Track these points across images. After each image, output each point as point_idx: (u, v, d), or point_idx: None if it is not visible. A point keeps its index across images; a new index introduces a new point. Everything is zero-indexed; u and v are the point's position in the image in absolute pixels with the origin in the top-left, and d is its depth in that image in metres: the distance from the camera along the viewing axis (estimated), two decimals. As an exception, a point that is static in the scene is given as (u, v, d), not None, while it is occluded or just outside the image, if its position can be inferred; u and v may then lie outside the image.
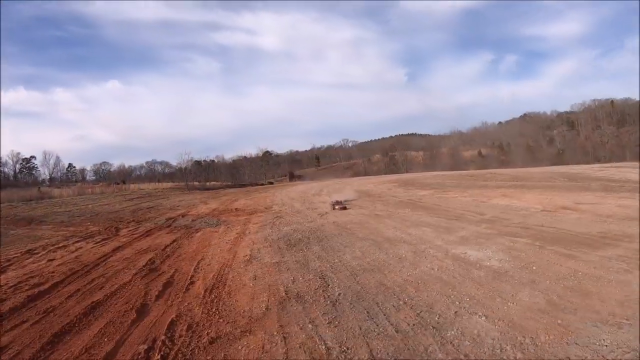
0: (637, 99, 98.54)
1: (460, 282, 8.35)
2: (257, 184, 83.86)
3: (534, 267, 8.95)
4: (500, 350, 5.44)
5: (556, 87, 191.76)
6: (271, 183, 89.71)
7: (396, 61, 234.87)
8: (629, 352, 4.79)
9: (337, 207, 19.80)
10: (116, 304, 8.07)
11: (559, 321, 6.20)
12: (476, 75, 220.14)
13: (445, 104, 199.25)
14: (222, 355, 5.66)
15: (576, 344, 5.49)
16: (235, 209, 26.90)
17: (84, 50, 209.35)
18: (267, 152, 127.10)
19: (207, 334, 6.39)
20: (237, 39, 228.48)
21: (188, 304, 7.88)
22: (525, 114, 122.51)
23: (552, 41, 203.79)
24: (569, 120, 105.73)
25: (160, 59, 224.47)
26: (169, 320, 7.00)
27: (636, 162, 60.69)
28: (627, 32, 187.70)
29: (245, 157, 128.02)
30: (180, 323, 6.90)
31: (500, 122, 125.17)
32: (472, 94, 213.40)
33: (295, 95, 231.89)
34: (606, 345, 5.37)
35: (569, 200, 18.83)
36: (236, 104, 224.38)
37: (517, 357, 5.23)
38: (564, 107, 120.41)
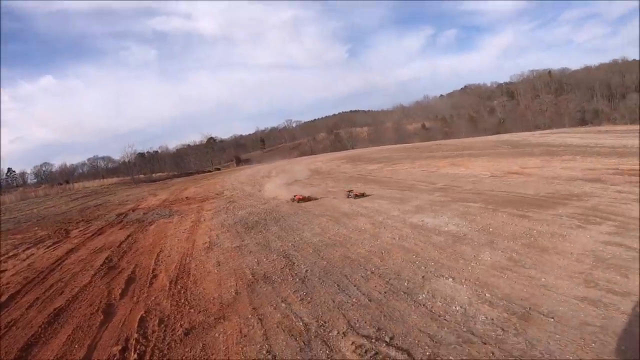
0: (573, 68, 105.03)
1: (422, 248, 8.59)
2: (204, 171, 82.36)
3: (491, 229, 9.35)
4: (471, 306, 5.68)
5: (495, 59, 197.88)
6: (218, 169, 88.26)
7: (336, 39, 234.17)
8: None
9: (351, 195, 16.27)
10: (80, 308, 7.68)
11: (523, 276, 6.53)
12: (416, 50, 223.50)
13: (387, 79, 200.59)
14: (201, 345, 5.56)
15: (541, 295, 5.79)
16: (186, 197, 26.34)
17: (14, 46, 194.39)
18: (211, 138, 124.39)
19: (181, 325, 6.24)
20: (173, 24, 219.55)
21: (155, 298, 7.65)
22: (465, 86, 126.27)
23: (490, 15, 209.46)
24: (508, 90, 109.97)
25: (95, 50, 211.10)
26: (139, 317, 6.77)
27: (575, 127, 63.99)
28: (561, 5, 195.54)
29: (189, 145, 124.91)
30: (151, 318, 6.70)
31: (441, 95, 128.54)
32: (413, 69, 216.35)
33: (237, 78, 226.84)
34: (570, 296, 5.70)
35: (515, 165, 19.66)
36: (177, 92, 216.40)
37: (487, 311, 5.47)
38: (503, 78, 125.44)
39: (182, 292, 7.75)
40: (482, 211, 11.07)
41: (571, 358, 4.31)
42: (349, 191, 16.89)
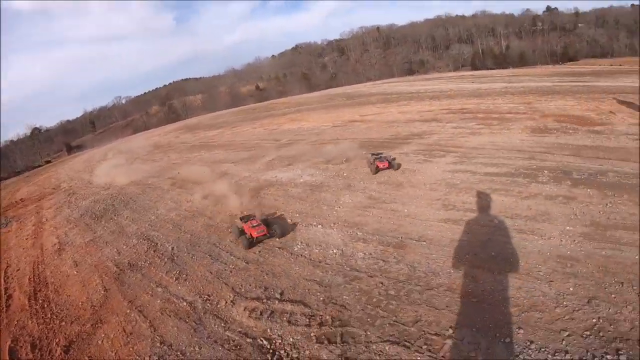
0: (400, 24, 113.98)
1: (283, 202, 8.73)
2: (34, 167, 73.22)
3: (345, 174, 9.87)
4: (346, 247, 5.98)
5: (325, 17, 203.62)
6: (49, 162, 78.89)
7: (162, 6, 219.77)
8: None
9: (381, 166, 10.04)
10: None
11: (386, 210, 7.01)
12: (246, 12, 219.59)
13: (217, 44, 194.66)
14: (86, 358, 4.98)
15: (409, 224, 6.28)
16: (20, 199, 22.96)
17: None
18: (36, 128, 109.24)
19: (57, 344, 5.48)
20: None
21: (18, 322, 6.53)
22: (297, 45, 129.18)
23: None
24: (339, 47, 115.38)
25: None
26: (7, 349, 5.77)
27: (404, 77, 69.67)
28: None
29: (12, 141, 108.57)
30: (21, 346, 5.75)
31: (273, 56, 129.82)
32: (243, 32, 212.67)
33: (59, 56, 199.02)
34: (434, 220, 6.27)
35: (355, 114, 20.77)
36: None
37: (364, 248, 5.79)
38: (333, 36, 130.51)
39: (46, 306, 6.79)
40: (333, 158, 11.51)
41: (452, 271, 4.83)
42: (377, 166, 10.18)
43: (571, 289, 4.36)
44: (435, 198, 7.20)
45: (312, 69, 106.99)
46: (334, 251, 5.91)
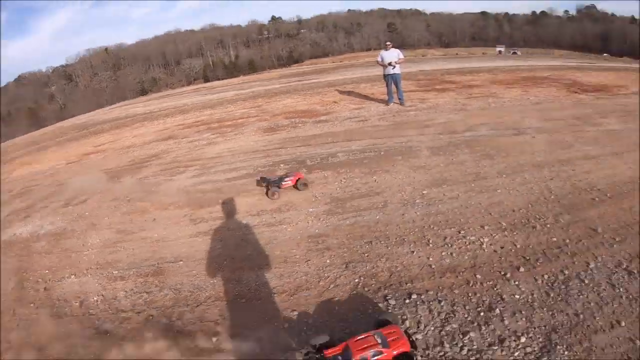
0: (129, 43, 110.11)
1: (27, 264, 7.69)
2: None
3: (87, 213, 9.27)
4: (106, 290, 5.81)
5: (51, 41, 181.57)
6: None
7: None
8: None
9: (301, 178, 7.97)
10: None
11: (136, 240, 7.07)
12: None
13: None
14: None
15: (162, 248, 6.53)
16: None
17: None
18: None
19: None
20: None
21: None
22: (20, 76, 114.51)
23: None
24: (66, 73, 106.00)
25: None
26: None
27: (138, 98, 67.34)
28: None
29: None
30: None
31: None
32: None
33: None
34: (184, 237, 6.70)
35: (89, 146, 19.49)
36: None
37: (124, 285, 5.79)
38: (59, 62, 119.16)
39: None
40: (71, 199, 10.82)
41: (215, 281, 5.35)
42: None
43: (328, 261, 5.23)
44: (182, 215, 7.57)
45: (39, 101, 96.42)
46: (95, 299, 5.67)
